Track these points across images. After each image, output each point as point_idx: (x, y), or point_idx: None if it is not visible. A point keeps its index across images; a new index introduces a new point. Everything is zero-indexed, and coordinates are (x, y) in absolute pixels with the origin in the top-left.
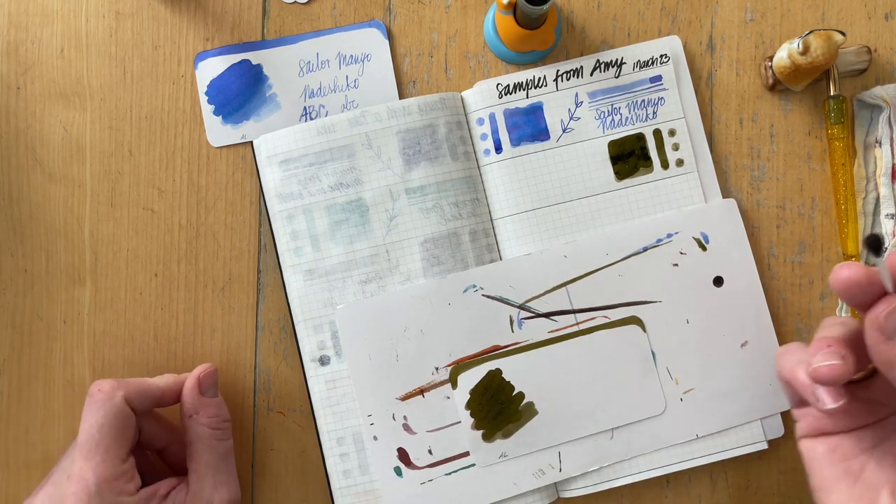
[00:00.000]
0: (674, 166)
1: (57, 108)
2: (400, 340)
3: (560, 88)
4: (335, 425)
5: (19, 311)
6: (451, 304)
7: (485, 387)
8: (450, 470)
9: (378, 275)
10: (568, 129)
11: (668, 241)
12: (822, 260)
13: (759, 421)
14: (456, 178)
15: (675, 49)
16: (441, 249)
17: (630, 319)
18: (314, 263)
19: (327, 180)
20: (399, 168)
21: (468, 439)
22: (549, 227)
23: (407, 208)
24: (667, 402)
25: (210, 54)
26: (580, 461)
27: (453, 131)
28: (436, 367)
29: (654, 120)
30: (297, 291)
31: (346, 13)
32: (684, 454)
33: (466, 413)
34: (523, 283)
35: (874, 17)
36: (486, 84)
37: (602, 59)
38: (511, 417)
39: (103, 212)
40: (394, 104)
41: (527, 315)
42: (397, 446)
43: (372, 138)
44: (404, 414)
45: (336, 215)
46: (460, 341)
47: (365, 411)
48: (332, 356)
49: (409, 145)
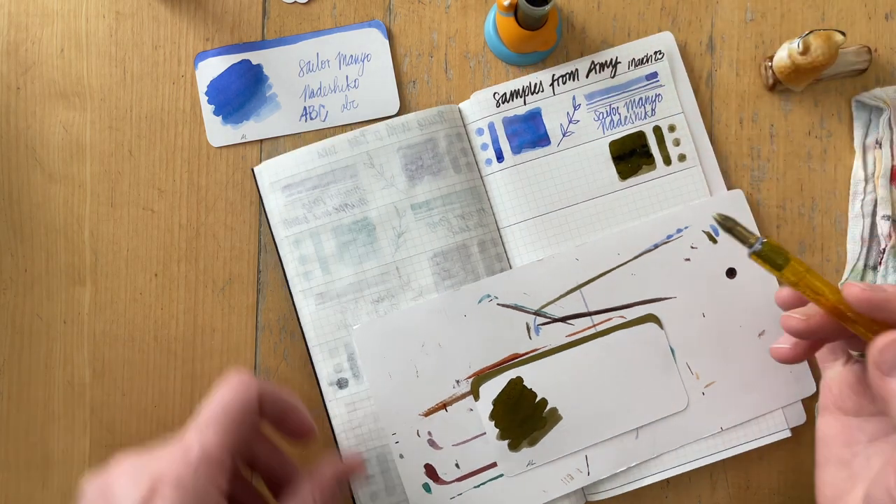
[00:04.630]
0: (676, 162)
1: (57, 108)
2: (419, 356)
3: (557, 92)
4: (358, 448)
5: (19, 311)
6: (466, 315)
7: (507, 396)
8: (478, 482)
9: (390, 293)
10: (568, 132)
11: (678, 236)
12: (822, 260)
13: (781, 410)
14: (460, 190)
15: (669, 45)
16: (451, 262)
17: (646, 317)
18: (325, 286)
19: (332, 202)
20: (403, 184)
21: (495, 450)
22: (556, 232)
23: (414, 224)
24: (689, 398)
25: (210, 54)
26: (608, 463)
27: (454, 143)
28: (457, 380)
29: (653, 117)
30: (309, 316)
31: (346, 13)
32: (709, 448)
33: (491, 424)
34: (537, 289)
35: (874, 17)
36: (482, 94)
37: (597, 60)
38: (536, 424)
39: (103, 212)
40: (393, 121)
41: (543, 321)
42: (424, 463)
43: (373, 157)
44: (428, 430)
45: (343, 236)
46: (479, 352)
47: (390, 430)
48: (349, 378)
49: (412, 161)
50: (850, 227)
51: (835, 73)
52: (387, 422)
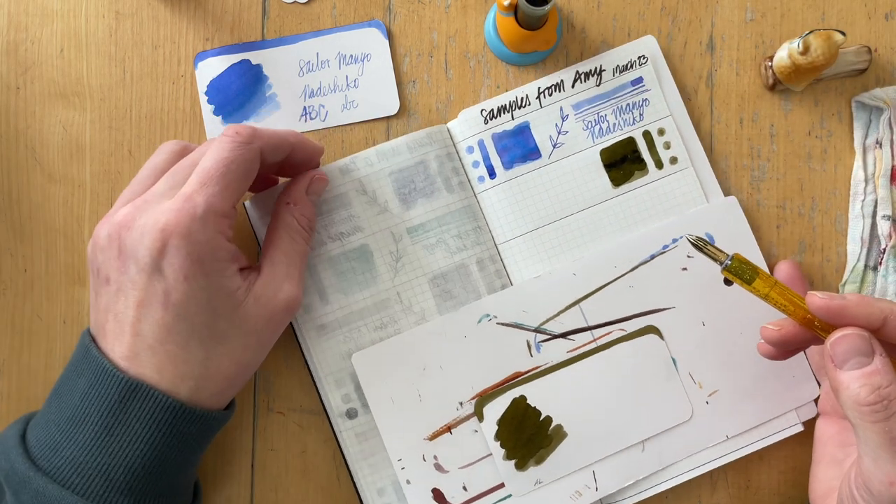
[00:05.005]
0: (668, 165)
1: (57, 107)
2: (420, 380)
3: (544, 105)
4: (373, 477)
5: (19, 311)
6: (466, 336)
7: (511, 415)
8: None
9: (392, 318)
10: (558, 144)
11: (673, 246)
12: (822, 260)
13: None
14: (455, 210)
15: (652, 48)
16: (451, 283)
17: (647, 329)
18: (326, 317)
19: (326, 232)
20: (397, 209)
21: (502, 470)
22: (553, 244)
23: (411, 247)
24: (693, 407)
25: (210, 54)
26: (615, 477)
27: (444, 164)
28: (460, 402)
29: (641, 122)
30: (314, 348)
31: (346, 13)
32: (716, 453)
33: (496, 444)
34: (536, 306)
35: (874, 17)
36: (470, 112)
37: (581, 70)
38: (542, 443)
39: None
40: (382, 146)
41: (543, 338)
42: (431, 487)
43: (365, 183)
44: (434, 453)
45: (341, 265)
46: (481, 373)
47: (395, 456)
48: (358, 408)
49: (404, 184)
50: (851, 228)
51: (835, 73)
52: (391, 447)
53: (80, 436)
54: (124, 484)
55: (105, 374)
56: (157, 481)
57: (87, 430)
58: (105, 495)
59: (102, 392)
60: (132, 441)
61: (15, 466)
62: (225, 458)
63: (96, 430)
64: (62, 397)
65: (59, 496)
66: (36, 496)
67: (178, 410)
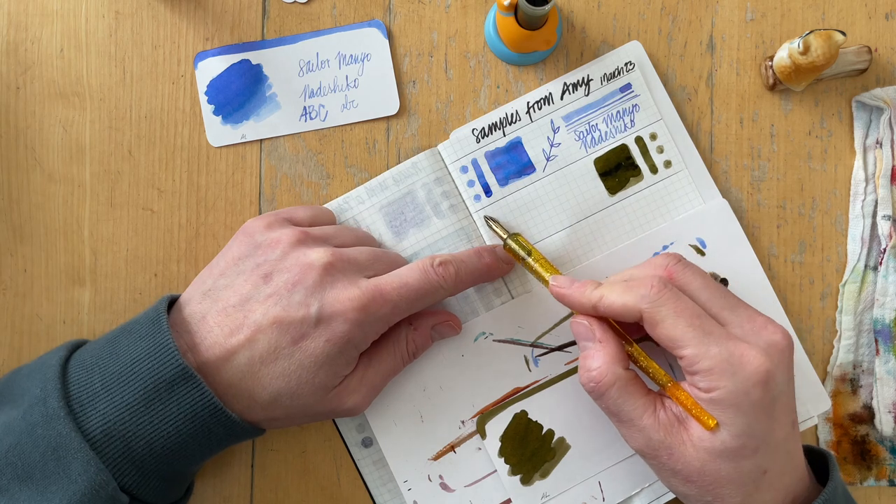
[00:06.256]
0: (663, 169)
1: (56, 107)
2: (421, 401)
3: (534, 119)
4: (393, 502)
5: (19, 311)
6: (463, 355)
7: (513, 431)
8: None
9: None
10: (551, 157)
11: (665, 252)
12: (822, 260)
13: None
14: (447, 235)
15: (639, 54)
16: (449, 305)
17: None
18: None
19: None
20: (391, 241)
21: (508, 486)
22: (554, 256)
23: None
24: None
25: (210, 54)
26: (622, 486)
27: (432, 190)
28: (462, 421)
29: (633, 128)
30: None
31: (346, 13)
32: None
33: (500, 461)
34: (531, 320)
35: (874, 17)
36: (461, 132)
37: (569, 81)
38: (546, 456)
39: (103, 212)
40: (370, 183)
41: (540, 352)
42: None
43: (359, 221)
44: (439, 473)
45: None
46: (481, 390)
47: (401, 478)
48: (373, 437)
49: (394, 217)
50: (851, 228)
51: (835, 73)
52: (397, 469)
53: (119, 397)
54: (139, 457)
55: (166, 352)
56: (167, 466)
57: (127, 394)
58: (118, 461)
59: (157, 367)
60: (164, 422)
61: (48, 401)
62: (225, 458)
63: (136, 399)
64: (118, 348)
65: (78, 447)
66: (53, 433)
67: (218, 411)
